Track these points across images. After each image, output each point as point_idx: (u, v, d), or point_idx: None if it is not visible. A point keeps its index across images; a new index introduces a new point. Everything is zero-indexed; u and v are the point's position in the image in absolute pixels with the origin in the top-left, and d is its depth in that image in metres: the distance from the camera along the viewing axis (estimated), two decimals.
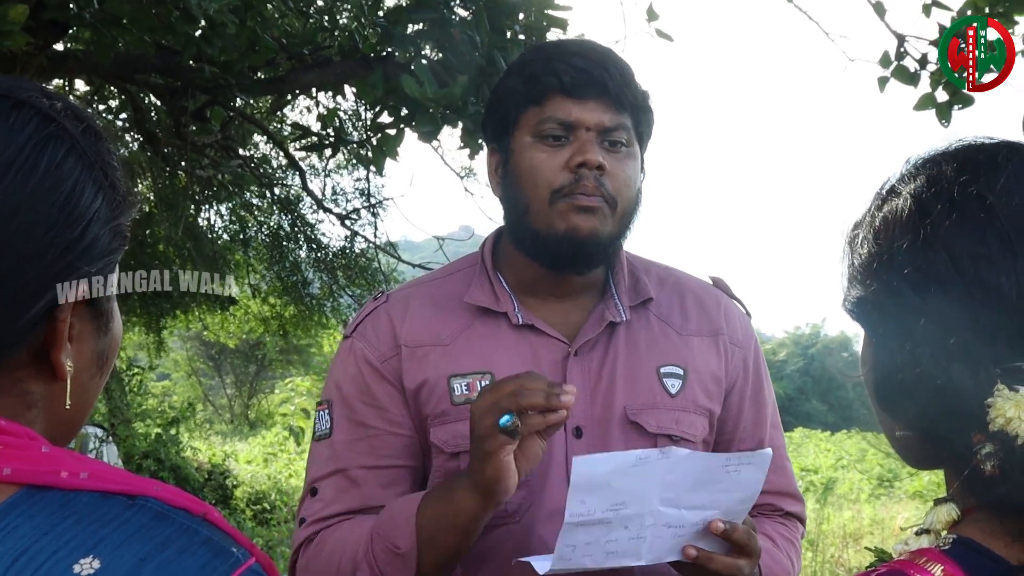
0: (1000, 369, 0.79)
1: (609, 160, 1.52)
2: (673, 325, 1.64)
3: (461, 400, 1.54)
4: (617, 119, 1.53)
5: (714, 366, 1.64)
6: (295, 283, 10.38)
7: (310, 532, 1.57)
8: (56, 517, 0.73)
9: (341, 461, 1.58)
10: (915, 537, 0.85)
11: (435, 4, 3.88)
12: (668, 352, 1.61)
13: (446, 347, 1.57)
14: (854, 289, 0.91)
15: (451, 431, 1.54)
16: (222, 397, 26.69)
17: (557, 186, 1.51)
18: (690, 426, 1.59)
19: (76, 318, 0.81)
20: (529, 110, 1.55)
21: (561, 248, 1.53)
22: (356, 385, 1.59)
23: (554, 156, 1.52)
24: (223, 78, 4.29)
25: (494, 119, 1.62)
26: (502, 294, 1.60)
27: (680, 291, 1.68)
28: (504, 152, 1.59)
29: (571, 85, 1.51)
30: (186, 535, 0.74)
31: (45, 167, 0.77)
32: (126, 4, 3.49)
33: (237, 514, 10.96)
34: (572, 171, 1.50)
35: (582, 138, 1.51)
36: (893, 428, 0.90)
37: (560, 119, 1.52)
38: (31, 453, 0.76)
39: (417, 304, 1.62)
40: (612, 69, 1.53)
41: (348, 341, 1.63)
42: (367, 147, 4.66)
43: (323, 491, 1.59)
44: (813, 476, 15.40)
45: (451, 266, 1.72)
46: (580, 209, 1.50)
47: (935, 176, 0.86)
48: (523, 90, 1.55)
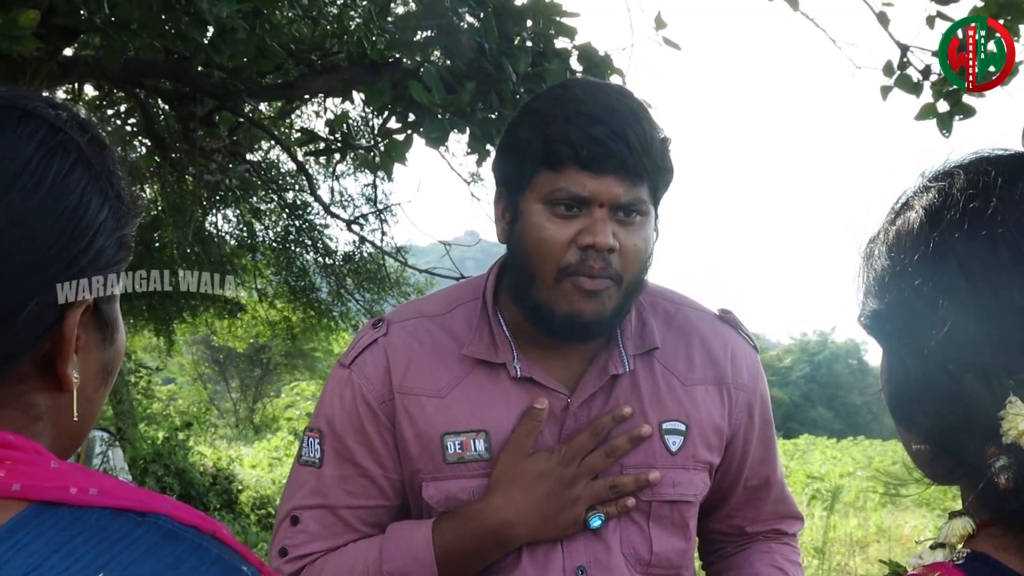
0: (1013, 381, 0.79)
1: (621, 234, 1.46)
2: (678, 375, 1.60)
3: (454, 459, 1.52)
4: (633, 192, 1.46)
5: (717, 417, 1.60)
6: (303, 288, 10.40)
7: (295, 569, 1.55)
8: (66, 535, 0.72)
9: (329, 498, 1.56)
10: (929, 551, 0.85)
11: (443, 11, 3.89)
12: (671, 406, 1.57)
13: (441, 399, 1.54)
14: (869, 303, 0.91)
15: (443, 491, 1.53)
16: (227, 401, 26.71)
17: (564, 265, 1.46)
18: (689, 486, 1.58)
19: (81, 329, 0.80)
20: (542, 174, 1.47)
21: (562, 327, 1.49)
22: (351, 422, 1.56)
23: (564, 229, 1.46)
24: (232, 83, 4.30)
25: (506, 168, 1.55)
26: (502, 342, 1.55)
27: (687, 333, 1.63)
28: (513, 208, 1.53)
29: (587, 159, 1.43)
30: (197, 553, 0.74)
31: (52, 178, 0.77)
32: (136, 10, 3.50)
33: (242, 519, 10.95)
34: (581, 248, 1.45)
35: (594, 215, 1.45)
36: (910, 441, 0.90)
37: (574, 193, 1.44)
38: (40, 469, 0.75)
39: (416, 345, 1.57)
40: (632, 139, 1.44)
41: (345, 372, 1.58)
42: (375, 152, 4.66)
43: (306, 523, 1.56)
44: (819, 483, 15.36)
45: (456, 295, 1.65)
46: (585, 293, 1.46)
47: (946, 188, 0.86)
48: (539, 150, 1.47)
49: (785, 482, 1.76)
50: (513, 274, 1.55)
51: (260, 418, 24.63)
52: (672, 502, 1.56)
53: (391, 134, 4.34)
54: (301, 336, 12.64)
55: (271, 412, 23.75)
